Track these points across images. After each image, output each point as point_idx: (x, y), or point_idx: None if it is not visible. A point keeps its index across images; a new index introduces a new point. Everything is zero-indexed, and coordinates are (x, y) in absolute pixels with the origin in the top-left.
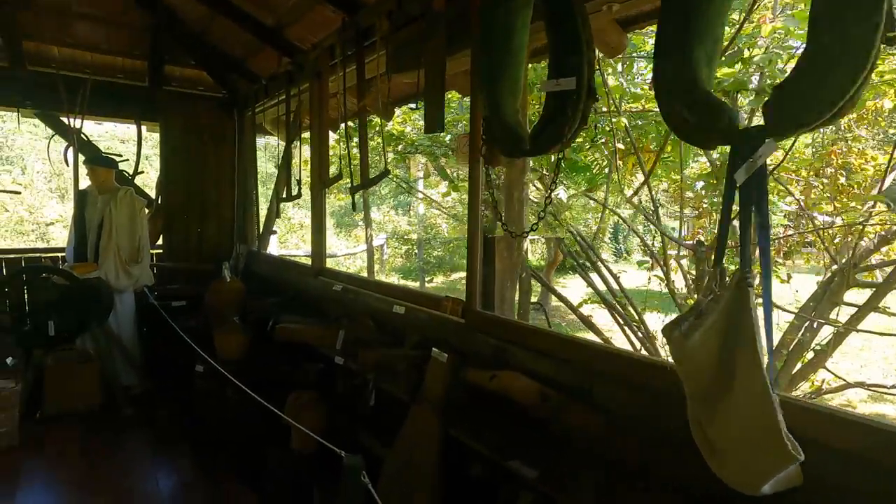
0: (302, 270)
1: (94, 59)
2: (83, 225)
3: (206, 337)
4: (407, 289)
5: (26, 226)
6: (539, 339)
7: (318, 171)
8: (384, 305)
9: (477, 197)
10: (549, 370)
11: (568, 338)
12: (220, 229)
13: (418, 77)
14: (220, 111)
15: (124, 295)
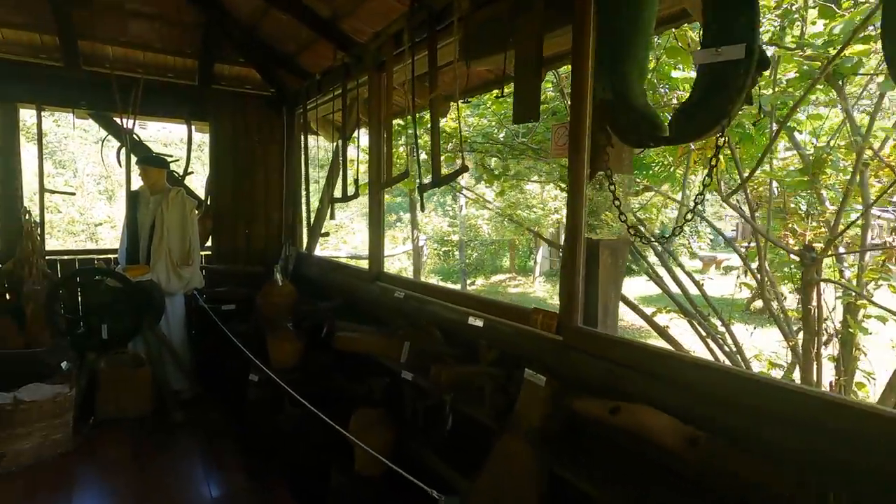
0: (357, 274)
1: (146, 59)
2: (135, 226)
3: (257, 342)
4: (484, 298)
5: (77, 226)
6: (669, 364)
7: (376, 170)
8: (456, 316)
9: (580, 195)
10: (683, 404)
11: (716, 366)
12: (268, 231)
13: (505, 59)
14: (269, 110)
15: (175, 298)
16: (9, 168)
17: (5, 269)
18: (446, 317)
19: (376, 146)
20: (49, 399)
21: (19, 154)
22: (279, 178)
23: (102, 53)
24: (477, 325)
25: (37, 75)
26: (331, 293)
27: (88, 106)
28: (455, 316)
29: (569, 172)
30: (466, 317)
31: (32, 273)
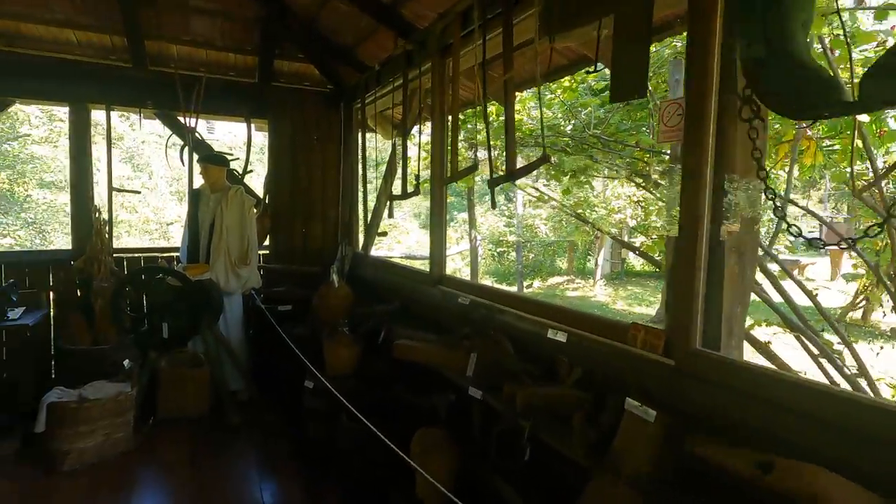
0: (416, 277)
1: (208, 57)
2: (196, 224)
3: (313, 346)
4: (567, 309)
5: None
6: (838, 406)
7: (439, 164)
8: (532, 327)
9: (699, 190)
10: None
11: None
12: (325, 230)
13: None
14: (327, 106)
15: (233, 297)
16: (81, 168)
17: (77, 267)
18: (520, 327)
19: (439, 138)
20: (112, 398)
21: (91, 154)
22: (336, 176)
23: (167, 53)
24: (558, 339)
25: (106, 76)
26: (388, 295)
27: (154, 105)
28: (530, 327)
29: (684, 157)
30: (545, 329)
31: (101, 270)
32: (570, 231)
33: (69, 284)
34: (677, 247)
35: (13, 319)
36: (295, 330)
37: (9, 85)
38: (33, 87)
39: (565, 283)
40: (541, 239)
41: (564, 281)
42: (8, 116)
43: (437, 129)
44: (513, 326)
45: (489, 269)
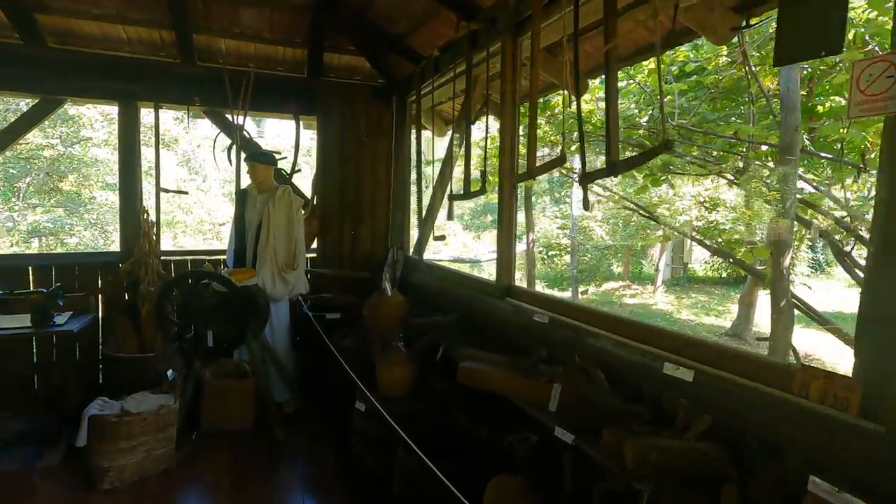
0: (480, 287)
1: (256, 51)
2: (242, 225)
3: (363, 359)
4: (692, 338)
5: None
6: None
7: (509, 158)
8: (638, 357)
9: None
10: None
11: None
12: (374, 232)
13: None
14: (377, 100)
15: (279, 304)
16: (130, 168)
17: (124, 269)
18: (619, 356)
19: (510, 129)
20: (153, 412)
21: (140, 154)
22: (386, 175)
23: (216, 48)
24: (680, 377)
25: (154, 73)
26: (444, 304)
27: (202, 102)
28: (636, 357)
29: None
30: (658, 361)
31: (148, 273)
32: (630, 233)
33: (117, 287)
34: (886, 262)
35: (59, 325)
36: (344, 341)
37: (59, 84)
38: (83, 86)
39: (621, 289)
40: (596, 242)
41: (620, 286)
42: (72, 121)
43: (509, 118)
44: (608, 354)
45: (540, 274)
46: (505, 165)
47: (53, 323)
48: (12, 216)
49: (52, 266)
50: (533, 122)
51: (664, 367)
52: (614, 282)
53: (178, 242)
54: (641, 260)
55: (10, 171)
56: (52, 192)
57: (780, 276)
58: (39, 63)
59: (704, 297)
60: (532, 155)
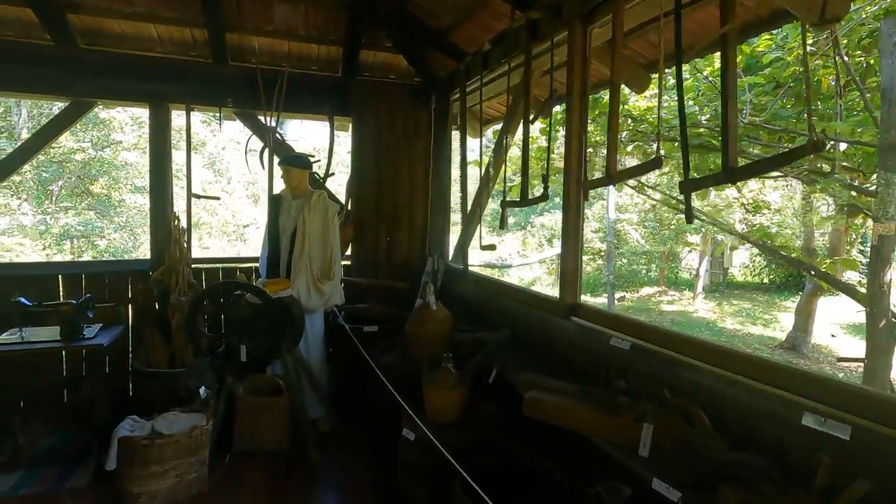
0: (538, 302)
1: (290, 49)
2: (276, 232)
3: (407, 380)
4: (839, 383)
5: (229, 227)
6: None
7: (576, 160)
8: (765, 402)
9: None
10: None
11: None
12: (411, 239)
13: None
14: (414, 100)
15: (314, 315)
16: (161, 172)
17: (155, 278)
18: (732, 397)
19: (577, 128)
20: (186, 434)
21: (171, 158)
22: (424, 179)
23: (248, 46)
24: (828, 431)
25: (186, 73)
26: (492, 319)
27: (234, 104)
28: (758, 401)
29: None
30: (794, 410)
31: (179, 282)
32: (668, 237)
33: (147, 297)
34: None
35: (88, 338)
36: (384, 358)
37: (90, 86)
38: (114, 88)
39: (657, 295)
40: (631, 246)
41: (656, 292)
42: (103, 124)
43: (577, 111)
44: (713, 393)
45: None
46: (571, 168)
47: (83, 336)
48: (45, 219)
49: (83, 274)
50: (615, 116)
51: (803, 417)
52: (649, 287)
53: (203, 243)
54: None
55: (42, 174)
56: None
57: (879, 293)
58: (70, 64)
59: (747, 304)
60: (612, 156)
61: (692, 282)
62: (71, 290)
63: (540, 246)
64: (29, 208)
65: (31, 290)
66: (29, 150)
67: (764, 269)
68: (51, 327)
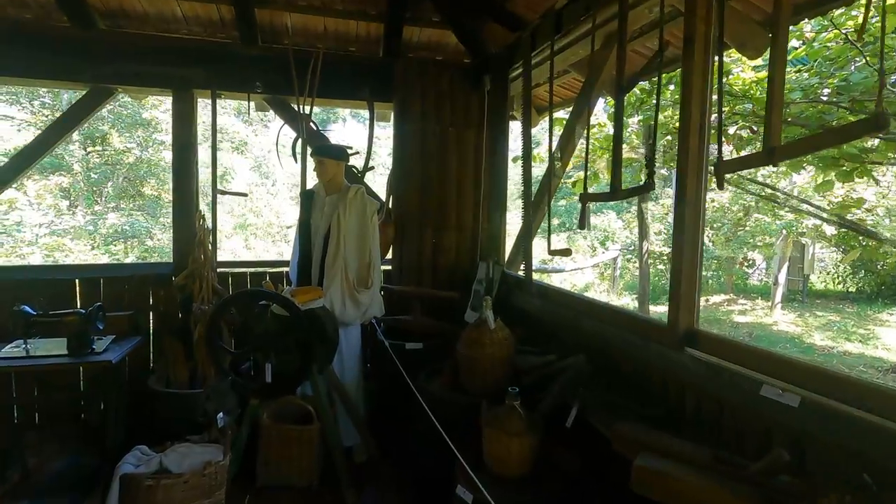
0: (637, 325)
1: (326, 27)
2: (308, 234)
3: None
4: None
5: (273, 228)
6: None
7: (698, 139)
8: None
9: None
10: None
11: None
12: (459, 241)
13: None
14: (464, 83)
15: (350, 329)
16: (185, 165)
17: (177, 284)
18: None
19: (699, 95)
20: (198, 472)
21: (196, 151)
22: (475, 173)
23: (280, 25)
24: None
25: (212, 56)
26: (563, 339)
27: (264, 89)
28: None
29: None
30: None
31: (203, 288)
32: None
33: (170, 304)
34: None
35: (97, 353)
36: (431, 384)
37: (110, 71)
38: (134, 73)
39: (726, 304)
40: None
41: (724, 301)
42: (148, 125)
43: (698, 77)
44: None
45: (628, 285)
46: (690, 148)
47: (92, 350)
48: (94, 220)
49: (101, 279)
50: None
51: None
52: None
53: (249, 244)
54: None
55: (91, 176)
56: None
57: None
58: (88, 48)
59: (834, 315)
60: (776, 123)
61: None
62: (88, 297)
63: (593, 249)
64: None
65: (36, 297)
66: (44, 142)
67: (849, 276)
68: (60, 339)
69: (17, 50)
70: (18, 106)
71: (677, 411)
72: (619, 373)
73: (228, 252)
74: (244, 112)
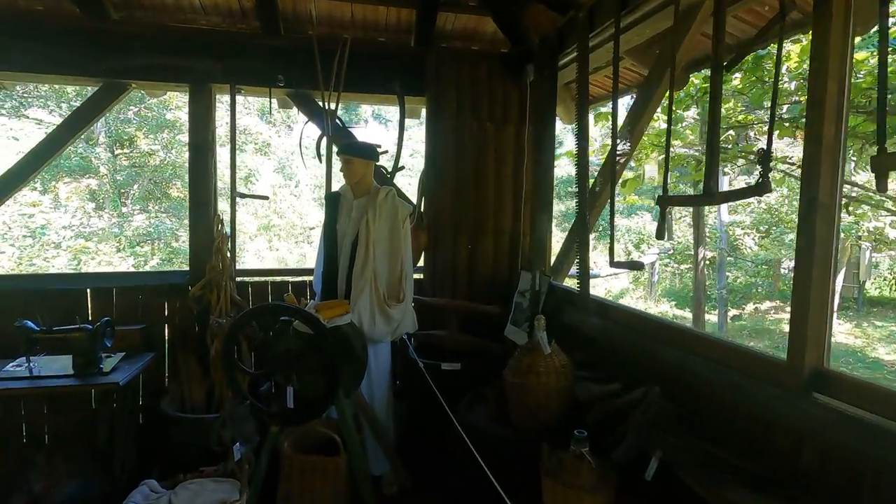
0: (739, 359)
1: (353, 14)
2: (333, 241)
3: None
4: None
5: (296, 230)
6: None
7: (835, 128)
8: None
9: None
10: None
11: None
12: (497, 249)
13: None
14: (504, 74)
15: (379, 346)
16: (201, 166)
17: (193, 295)
18: None
19: (837, 73)
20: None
21: (214, 149)
22: (514, 173)
23: (303, 13)
24: None
25: (231, 47)
26: (623, 362)
27: (286, 83)
28: None
29: None
30: None
31: (220, 299)
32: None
33: (185, 317)
34: None
35: (105, 373)
36: (473, 415)
37: (122, 65)
38: (150, 66)
39: (771, 312)
40: (746, 253)
41: (770, 308)
42: (172, 126)
43: (837, 40)
44: None
45: (666, 290)
46: (824, 138)
47: (99, 370)
48: (120, 222)
49: (113, 289)
50: None
51: None
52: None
53: (273, 245)
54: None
55: (117, 178)
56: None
57: None
58: (100, 40)
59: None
60: None
61: None
62: (100, 309)
63: (628, 254)
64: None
65: (44, 308)
66: (56, 141)
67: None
68: (68, 356)
69: (24, 43)
70: (46, 109)
71: (800, 468)
72: (709, 414)
73: (252, 254)
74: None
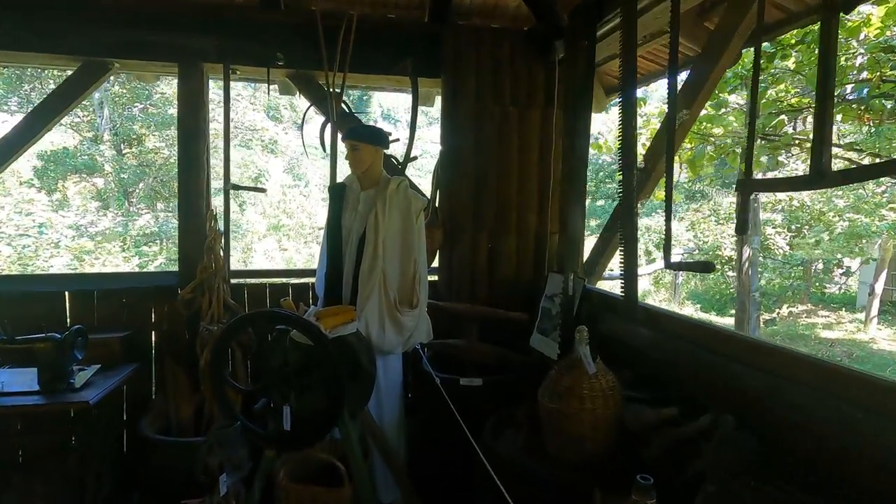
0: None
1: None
2: (338, 238)
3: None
4: None
5: (305, 229)
6: None
7: None
8: None
9: None
10: None
11: None
12: (521, 248)
13: None
14: (529, 53)
15: (389, 358)
16: (192, 154)
17: (183, 298)
18: None
19: None
20: None
21: (206, 137)
22: (540, 163)
23: None
24: None
25: (225, 22)
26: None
27: (286, 62)
28: None
29: None
30: None
31: (212, 304)
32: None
33: (175, 322)
34: None
35: (75, 388)
36: (500, 442)
37: (105, 42)
38: (135, 44)
39: (804, 315)
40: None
41: (802, 312)
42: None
43: None
44: None
45: (691, 292)
46: None
47: (69, 385)
48: (125, 222)
49: (94, 292)
50: None
51: None
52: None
53: (282, 245)
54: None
55: (122, 177)
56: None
57: None
58: (77, 14)
59: None
60: None
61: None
62: (80, 314)
63: (648, 254)
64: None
65: (11, 313)
66: (30, 128)
67: None
68: (34, 370)
69: None
70: None
71: None
72: (805, 457)
73: (261, 254)
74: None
